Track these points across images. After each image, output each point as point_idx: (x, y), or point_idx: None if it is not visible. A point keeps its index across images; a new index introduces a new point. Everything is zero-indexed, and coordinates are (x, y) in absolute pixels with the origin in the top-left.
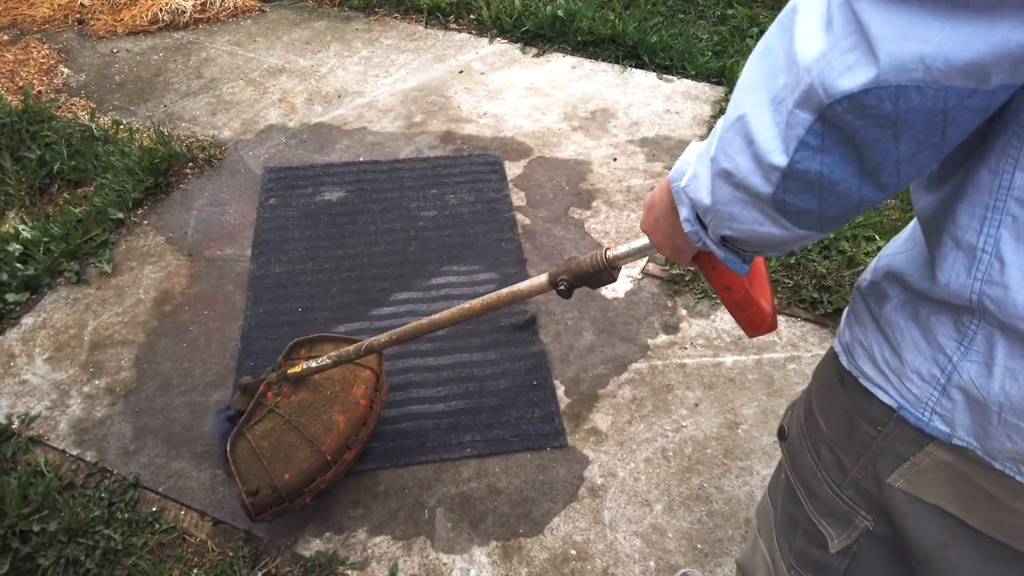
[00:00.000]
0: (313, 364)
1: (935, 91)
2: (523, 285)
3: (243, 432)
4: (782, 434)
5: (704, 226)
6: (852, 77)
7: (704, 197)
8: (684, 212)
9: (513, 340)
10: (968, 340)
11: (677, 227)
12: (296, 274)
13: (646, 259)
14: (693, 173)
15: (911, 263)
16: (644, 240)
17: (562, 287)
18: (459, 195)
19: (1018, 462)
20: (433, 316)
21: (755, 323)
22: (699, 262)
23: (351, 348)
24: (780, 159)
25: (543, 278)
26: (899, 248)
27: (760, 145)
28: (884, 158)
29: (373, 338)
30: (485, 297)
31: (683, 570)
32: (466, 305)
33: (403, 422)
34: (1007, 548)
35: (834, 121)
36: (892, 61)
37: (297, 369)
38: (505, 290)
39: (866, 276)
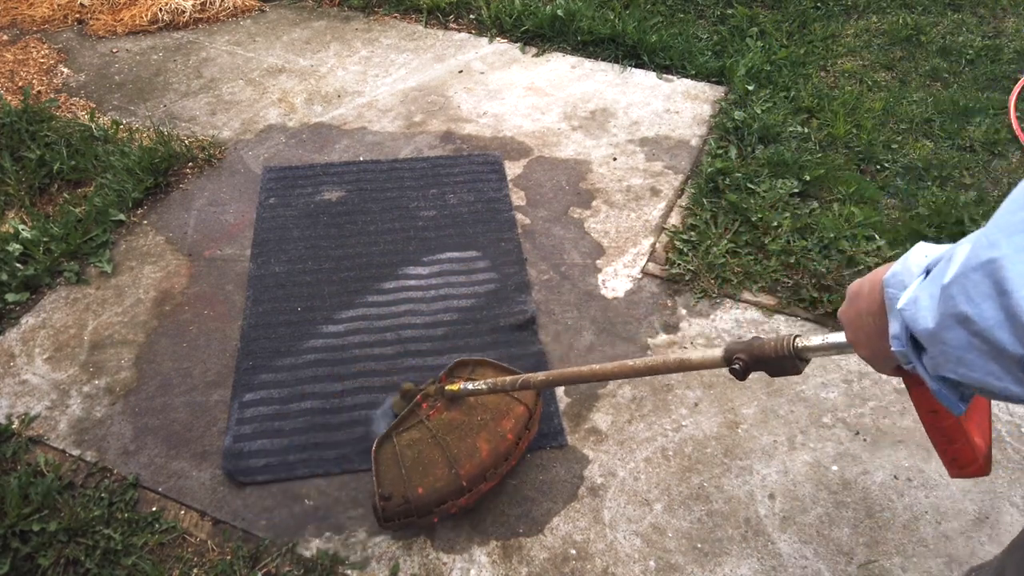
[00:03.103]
0: (470, 386)
1: None
2: (694, 355)
3: (391, 435)
4: None
5: (918, 347)
6: None
7: (926, 329)
8: (895, 328)
9: (512, 340)
10: None
11: (883, 331)
12: (295, 274)
13: (646, 258)
14: (914, 296)
15: None
16: (843, 336)
17: (737, 366)
18: (459, 195)
19: None
20: (594, 366)
21: (961, 462)
22: (901, 373)
23: (508, 379)
24: None
25: (717, 353)
26: None
27: (1018, 301)
28: None
29: (531, 375)
30: (650, 359)
31: None
32: (628, 362)
33: None
34: None
35: None
36: None
37: (455, 387)
38: (673, 357)
39: None
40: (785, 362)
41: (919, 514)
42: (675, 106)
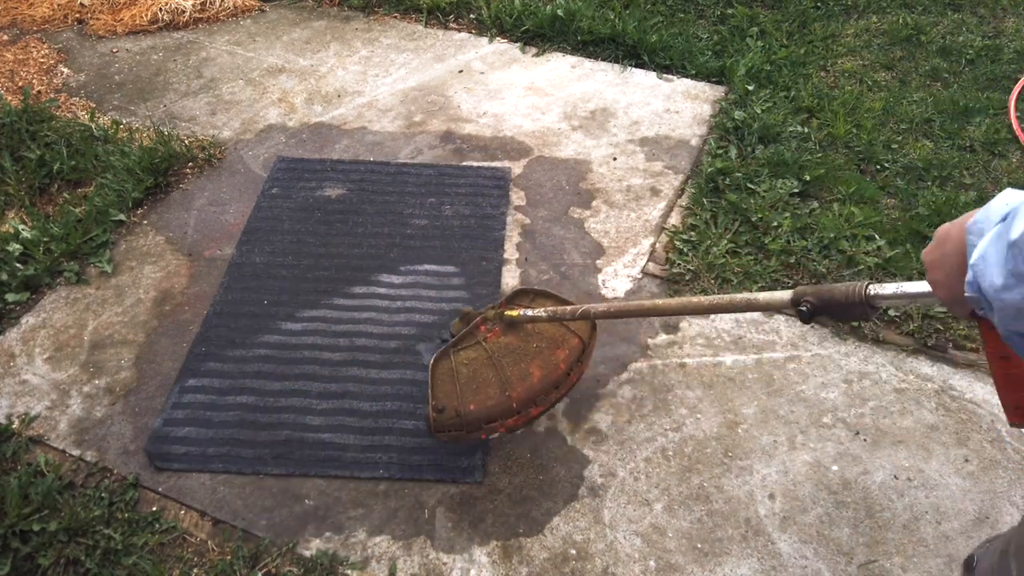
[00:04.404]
0: (530, 313)
1: None
2: (762, 296)
3: (448, 353)
4: (969, 565)
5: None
6: None
7: (992, 286)
8: (970, 274)
9: None
10: None
11: (963, 275)
12: (274, 267)
13: (646, 258)
14: (983, 253)
15: None
16: (920, 286)
17: (804, 308)
18: (456, 207)
19: None
20: (656, 301)
21: None
22: (975, 317)
23: (568, 308)
24: None
25: (786, 295)
26: None
27: None
28: None
29: (591, 305)
30: (715, 297)
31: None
32: (693, 299)
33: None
34: None
35: None
36: None
37: (514, 313)
38: (740, 296)
39: None
40: (855, 308)
41: (919, 514)
42: (675, 106)
